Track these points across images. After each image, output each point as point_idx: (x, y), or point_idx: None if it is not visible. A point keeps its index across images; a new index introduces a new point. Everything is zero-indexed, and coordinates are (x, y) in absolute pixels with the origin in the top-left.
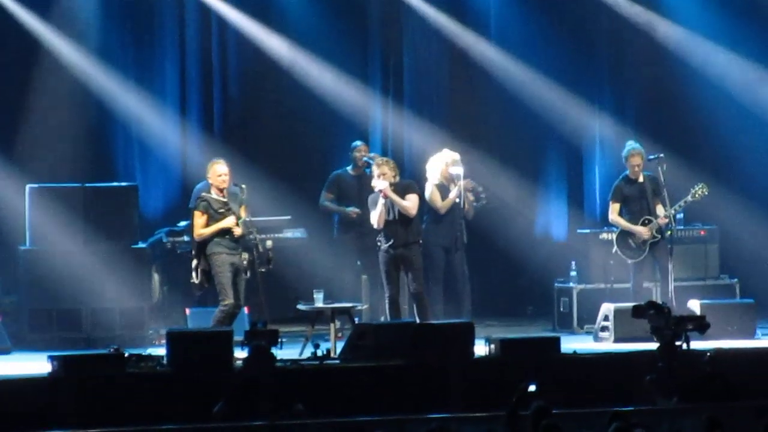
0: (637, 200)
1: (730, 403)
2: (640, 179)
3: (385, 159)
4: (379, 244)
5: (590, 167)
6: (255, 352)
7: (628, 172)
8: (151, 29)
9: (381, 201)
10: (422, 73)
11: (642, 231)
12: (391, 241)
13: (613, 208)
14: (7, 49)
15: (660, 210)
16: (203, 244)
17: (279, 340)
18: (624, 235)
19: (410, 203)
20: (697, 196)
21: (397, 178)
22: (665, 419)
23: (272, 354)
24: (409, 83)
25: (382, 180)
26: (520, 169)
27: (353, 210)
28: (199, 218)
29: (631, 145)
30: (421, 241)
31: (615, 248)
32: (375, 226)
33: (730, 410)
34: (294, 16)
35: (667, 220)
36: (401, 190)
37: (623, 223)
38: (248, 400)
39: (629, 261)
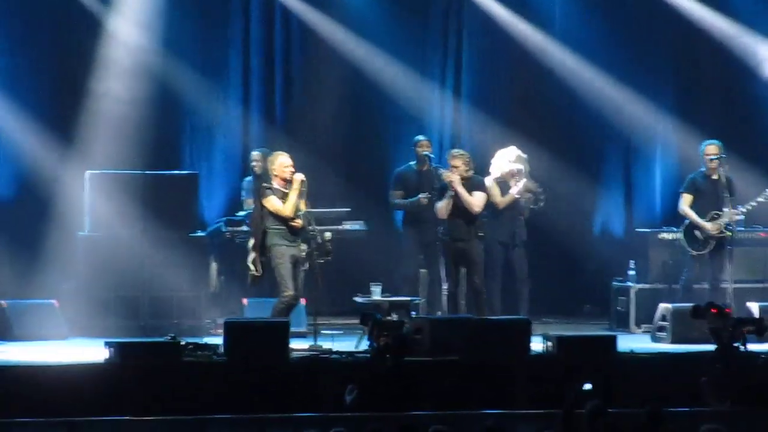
0: (709, 195)
1: None
2: (716, 176)
3: (460, 152)
4: (440, 236)
5: (650, 166)
6: (398, 342)
7: (703, 168)
8: (216, 19)
9: (448, 193)
10: (482, 68)
11: (710, 227)
12: (453, 234)
13: (685, 199)
14: (72, 33)
15: (728, 210)
16: (265, 236)
17: (406, 330)
18: (691, 227)
19: (476, 199)
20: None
21: (470, 173)
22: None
23: (409, 345)
24: (468, 77)
25: (452, 172)
26: (579, 167)
27: (423, 197)
28: (277, 201)
29: (711, 141)
30: (481, 235)
31: (681, 236)
32: (439, 217)
33: None
34: (355, 7)
35: (739, 217)
36: (471, 186)
37: (692, 215)
38: (380, 392)
39: (692, 252)
